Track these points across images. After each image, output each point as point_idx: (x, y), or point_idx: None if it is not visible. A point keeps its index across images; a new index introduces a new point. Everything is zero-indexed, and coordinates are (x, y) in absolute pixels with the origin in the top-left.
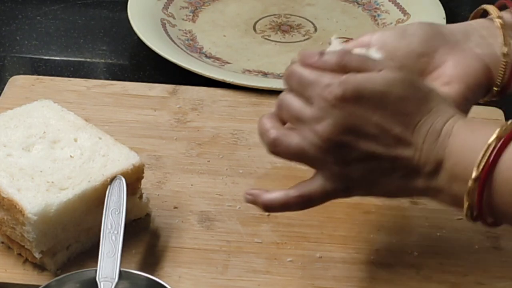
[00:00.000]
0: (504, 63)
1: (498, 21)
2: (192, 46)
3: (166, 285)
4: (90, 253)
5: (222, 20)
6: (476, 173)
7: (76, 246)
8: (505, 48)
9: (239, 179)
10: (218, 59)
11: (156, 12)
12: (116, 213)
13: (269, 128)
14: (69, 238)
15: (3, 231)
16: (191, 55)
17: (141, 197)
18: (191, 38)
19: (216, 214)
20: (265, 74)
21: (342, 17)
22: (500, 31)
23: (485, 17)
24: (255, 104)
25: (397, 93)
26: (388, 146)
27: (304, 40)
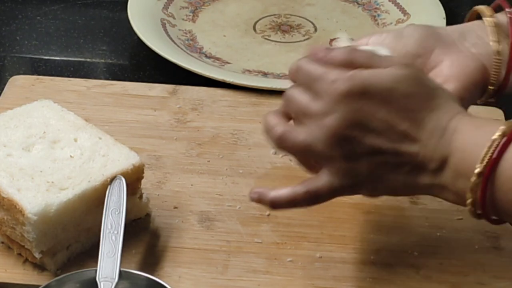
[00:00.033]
0: (497, 61)
1: (491, 20)
2: (192, 46)
3: (166, 285)
4: (90, 253)
5: (222, 20)
6: (480, 169)
7: (76, 246)
8: (498, 46)
9: (239, 179)
10: (218, 59)
11: (156, 12)
12: (116, 213)
13: (275, 124)
14: (69, 238)
15: (3, 231)
16: (191, 55)
17: (141, 197)
18: (191, 38)
19: (216, 214)
20: (265, 74)
21: (342, 17)
22: (492, 29)
23: (481, 19)
24: (255, 104)
25: (404, 89)
26: (394, 141)
27: (304, 40)
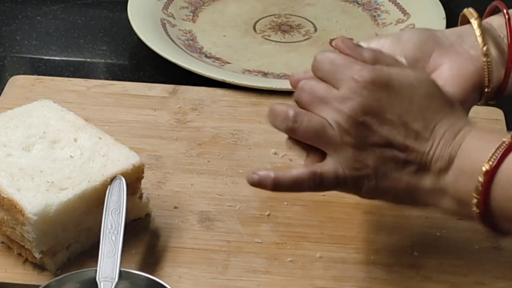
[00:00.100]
0: (487, 63)
1: (476, 22)
2: (192, 46)
3: (166, 285)
4: (90, 253)
5: (222, 20)
6: (487, 167)
7: (76, 246)
8: (484, 48)
9: (239, 179)
10: (218, 59)
11: (156, 12)
12: (116, 213)
13: (287, 108)
14: (69, 238)
15: (3, 231)
16: (191, 55)
17: (141, 197)
18: (191, 38)
19: (216, 214)
20: (265, 74)
21: (342, 17)
22: (479, 32)
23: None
24: (255, 104)
25: (425, 90)
26: (406, 138)
27: (304, 40)
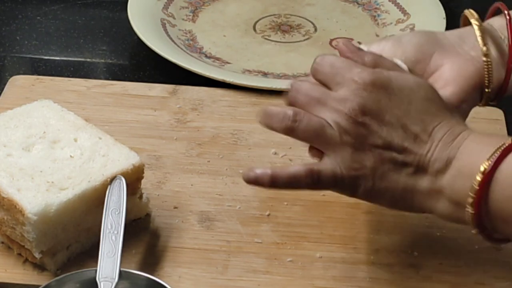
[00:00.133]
0: (486, 63)
1: (477, 23)
2: (192, 46)
3: (166, 285)
4: (90, 253)
5: (222, 20)
6: (485, 166)
7: (76, 246)
8: (484, 48)
9: (239, 179)
10: (218, 59)
11: (156, 12)
12: (116, 213)
13: (285, 108)
14: (69, 238)
15: (3, 231)
16: (191, 55)
17: (141, 197)
18: (191, 38)
19: (216, 214)
20: (265, 74)
21: (342, 17)
22: (479, 32)
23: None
24: (255, 104)
25: (425, 94)
26: (404, 140)
27: (304, 40)
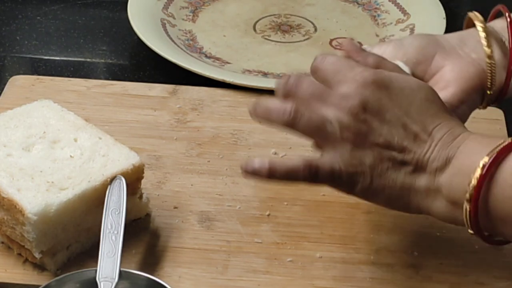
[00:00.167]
0: (490, 65)
1: (481, 25)
2: (192, 46)
3: (166, 285)
4: (90, 253)
5: (222, 20)
6: (485, 160)
7: (76, 246)
8: (489, 50)
9: (239, 179)
10: (218, 59)
11: (156, 12)
12: (116, 213)
13: (284, 103)
14: (69, 238)
15: (3, 231)
16: (191, 55)
17: (141, 197)
18: (191, 38)
19: (216, 214)
20: (265, 74)
21: (342, 17)
22: (483, 34)
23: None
24: None
25: (425, 95)
26: (405, 139)
27: (304, 40)
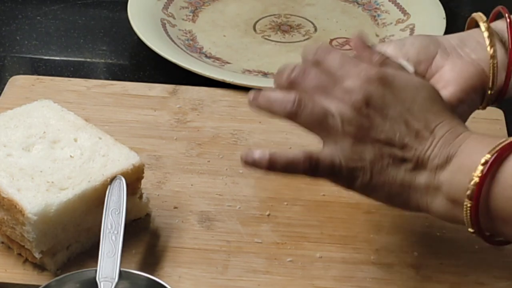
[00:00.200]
0: (492, 65)
1: (485, 25)
2: (192, 46)
3: (166, 285)
4: (90, 253)
5: (222, 20)
6: (487, 157)
7: (76, 246)
8: (492, 50)
9: (239, 179)
10: (218, 59)
11: (156, 12)
12: (116, 213)
13: (287, 93)
14: (69, 238)
15: (3, 231)
16: (191, 55)
17: (141, 197)
18: (191, 38)
19: (216, 214)
20: (265, 74)
21: (342, 17)
22: (487, 34)
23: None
24: None
25: (428, 94)
26: (406, 136)
27: (304, 40)
